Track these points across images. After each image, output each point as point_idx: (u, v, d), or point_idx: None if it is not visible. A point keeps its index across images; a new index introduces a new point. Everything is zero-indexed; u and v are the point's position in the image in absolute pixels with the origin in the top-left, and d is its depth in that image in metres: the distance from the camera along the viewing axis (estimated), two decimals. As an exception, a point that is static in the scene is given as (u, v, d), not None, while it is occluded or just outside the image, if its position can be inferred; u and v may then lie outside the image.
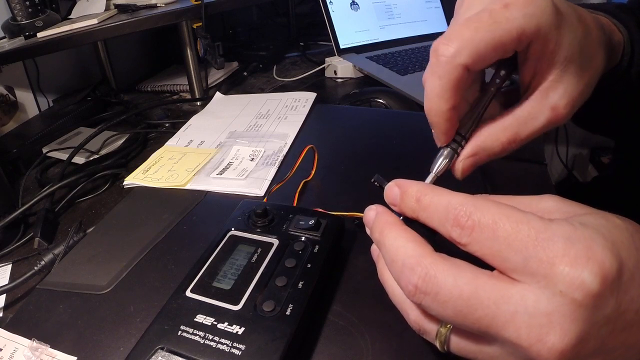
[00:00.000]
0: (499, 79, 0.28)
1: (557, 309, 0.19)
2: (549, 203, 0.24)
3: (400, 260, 0.23)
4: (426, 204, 0.24)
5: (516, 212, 0.21)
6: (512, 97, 0.30)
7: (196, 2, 0.78)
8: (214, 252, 0.37)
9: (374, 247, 0.28)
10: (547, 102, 0.27)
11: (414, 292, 0.22)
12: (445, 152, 0.29)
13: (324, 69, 0.94)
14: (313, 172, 0.50)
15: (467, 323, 0.21)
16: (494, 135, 0.28)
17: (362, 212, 0.29)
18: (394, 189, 0.26)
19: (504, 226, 0.20)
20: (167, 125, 0.75)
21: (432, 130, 0.29)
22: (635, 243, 0.20)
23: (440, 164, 0.29)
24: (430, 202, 0.24)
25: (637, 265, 0.20)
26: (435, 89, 0.26)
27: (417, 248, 0.23)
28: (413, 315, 0.24)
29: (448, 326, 0.23)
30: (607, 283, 0.19)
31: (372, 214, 0.27)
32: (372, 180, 0.30)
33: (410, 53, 0.92)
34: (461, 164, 0.28)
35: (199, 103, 0.84)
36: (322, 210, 0.40)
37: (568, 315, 0.18)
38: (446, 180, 0.29)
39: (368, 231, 0.28)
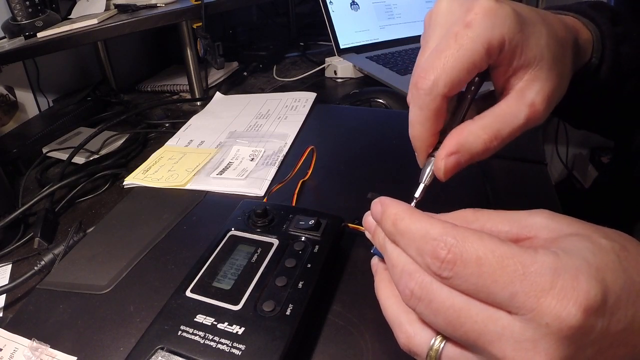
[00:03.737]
0: (473, 86, 0.29)
1: (543, 337, 0.19)
2: (537, 219, 0.24)
3: (400, 266, 0.24)
4: (402, 229, 0.24)
5: (500, 245, 0.21)
6: (488, 102, 0.30)
7: (196, 2, 0.78)
8: (214, 252, 0.37)
9: (373, 262, 0.29)
10: (524, 100, 0.28)
11: (409, 296, 0.23)
12: (431, 160, 0.29)
13: (324, 69, 0.94)
14: (310, 172, 0.50)
15: (457, 334, 0.21)
16: (474, 132, 0.27)
17: (361, 214, 0.29)
18: (378, 206, 0.26)
19: (489, 262, 0.20)
20: (167, 125, 0.75)
21: (415, 153, 0.30)
22: (622, 264, 0.20)
23: (427, 173, 0.29)
24: (406, 229, 0.23)
25: (624, 287, 0.20)
26: (417, 118, 0.28)
27: (413, 264, 0.23)
28: (402, 339, 0.25)
29: (435, 349, 0.23)
30: (592, 312, 0.19)
31: (378, 209, 0.26)
32: (368, 196, 0.30)
33: (411, 53, 0.92)
34: (443, 162, 0.28)
35: (199, 103, 0.84)
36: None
37: (553, 343, 0.19)
38: (448, 183, 0.29)
39: (368, 235, 0.28)
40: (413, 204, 0.29)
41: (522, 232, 0.24)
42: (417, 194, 0.30)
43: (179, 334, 0.30)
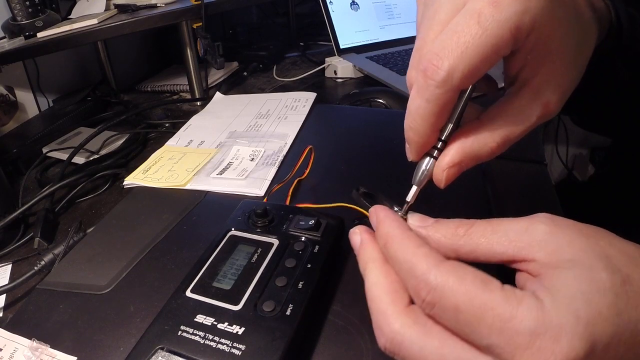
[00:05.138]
0: None
1: None
2: (536, 236, 0.22)
3: (373, 310, 0.23)
4: (392, 254, 0.23)
5: (481, 293, 0.20)
6: (488, 83, 0.28)
7: (196, 2, 0.78)
8: (214, 252, 0.37)
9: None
10: (538, 99, 0.25)
11: (383, 349, 0.22)
12: (427, 161, 0.26)
13: (324, 69, 0.94)
14: (307, 171, 0.50)
15: None
16: (481, 140, 0.25)
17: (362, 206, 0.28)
18: (372, 218, 0.26)
19: (467, 311, 0.20)
20: (167, 125, 0.75)
21: (407, 145, 0.26)
22: (618, 305, 0.19)
23: (422, 175, 0.27)
24: (394, 256, 0.23)
25: (616, 332, 0.19)
26: (420, 110, 0.24)
27: (390, 305, 0.23)
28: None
29: None
30: None
31: (357, 240, 0.26)
32: (352, 194, 0.29)
33: (411, 53, 0.92)
34: (444, 173, 0.26)
35: (199, 103, 0.84)
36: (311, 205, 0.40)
37: None
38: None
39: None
40: (406, 207, 0.27)
41: (518, 254, 0.22)
42: (409, 197, 0.27)
43: (179, 334, 0.30)
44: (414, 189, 0.27)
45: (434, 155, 0.26)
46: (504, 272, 0.23)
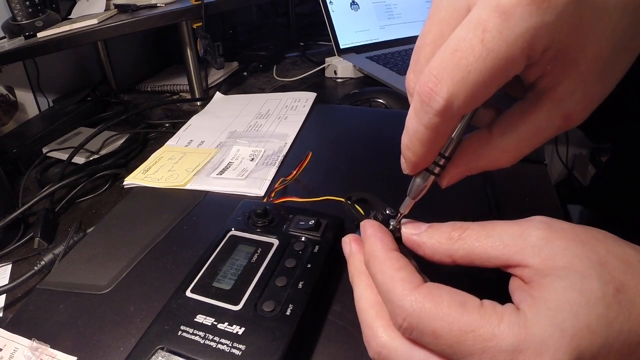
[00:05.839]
0: None
1: None
2: (531, 240, 0.21)
3: (361, 323, 0.24)
4: (372, 274, 0.24)
5: (460, 317, 0.20)
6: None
7: (196, 2, 0.78)
8: (214, 252, 0.37)
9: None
10: (559, 111, 0.22)
11: (372, 359, 0.23)
12: (425, 176, 0.25)
13: (324, 69, 0.94)
14: (295, 172, 0.48)
15: None
16: (491, 156, 0.24)
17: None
18: (362, 233, 0.26)
19: (446, 336, 0.20)
20: (167, 125, 0.75)
21: (402, 159, 0.24)
22: (609, 317, 0.18)
23: (417, 189, 0.25)
24: (375, 277, 0.24)
25: (605, 343, 0.18)
26: (417, 135, 0.22)
27: (376, 319, 0.23)
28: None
29: None
30: None
31: (347, 250, 0.27)
32: (346, 199, 0.29)
33: (411, 53, 0.92)
34: (445, 181, 0.25)
35: (199, 103, 0.84)
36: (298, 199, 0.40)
37: None
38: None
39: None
40: (398, 218, 0.27)
41: (512, 258, 0.21)
42: (402, 209, 0.26)
43: (179, 334, 0.30)
44: (407, 201, 0.26)
45: (434, 171, 0.24)
46: (503, 276, 0.23)
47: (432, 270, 0.24)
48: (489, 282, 0.22)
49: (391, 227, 0.27)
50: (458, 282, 0.22)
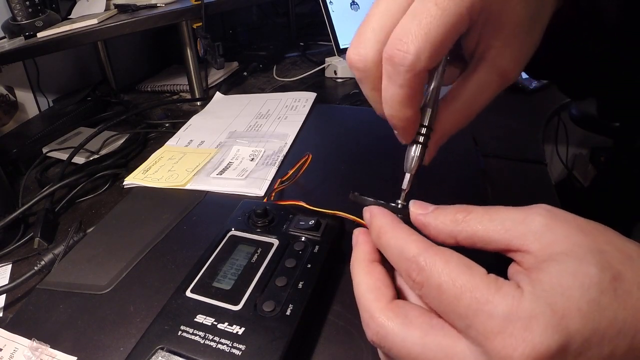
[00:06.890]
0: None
1: None
2: (533, 227, 0.22)
3: (360, 307, 0.25)
4: (384, 244, 0.25)
5: (462, 275, 0.21)
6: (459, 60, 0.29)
7: (196, 2, 0.78)
8: (214, 252, 0.37)
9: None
10: (495, 70, 0.26)
11: (371, 342, 0.24)
12: (416, 149, 0.28)
13: (324, 69, 0.94)
14: (291, 172, 0.49)
15: None
16: (453, 121, 0.27)
17: (358, 214, 0.29)
18: (367, 215, 0.27)
19: (448, 291, 0.21)
20: (167, 125, 0.75)
21: (396, 132, 0.27)
22: (601, 303, 0.19)
23: (413, 162, 0.28)
24: (387, 244, 0.25)
25: (597, 328, 0.19)
26: (396, 97, 0.25)
27: (374, 302, 0.24)
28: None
29: None
30: None
31: (354, 240, 0.28)
32: (349, 197, 0.30)
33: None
34: (432, 150, 0.28)
35: (199, 103, 0.84)
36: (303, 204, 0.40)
37: None
38: (448, 183, 0.29)
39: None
40: (403, 195, 0.28)
41: (513, 243, 0.22)
42: (404, 185, 0.28)
43: (179, 334, 0.30)
44: (407, 176, 0.28)
45: (420, 141, 0.28)
46: (503, 261, 0.23)
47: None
48: (490, 268, 0.22)
49: (397, 204, 0.28)
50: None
